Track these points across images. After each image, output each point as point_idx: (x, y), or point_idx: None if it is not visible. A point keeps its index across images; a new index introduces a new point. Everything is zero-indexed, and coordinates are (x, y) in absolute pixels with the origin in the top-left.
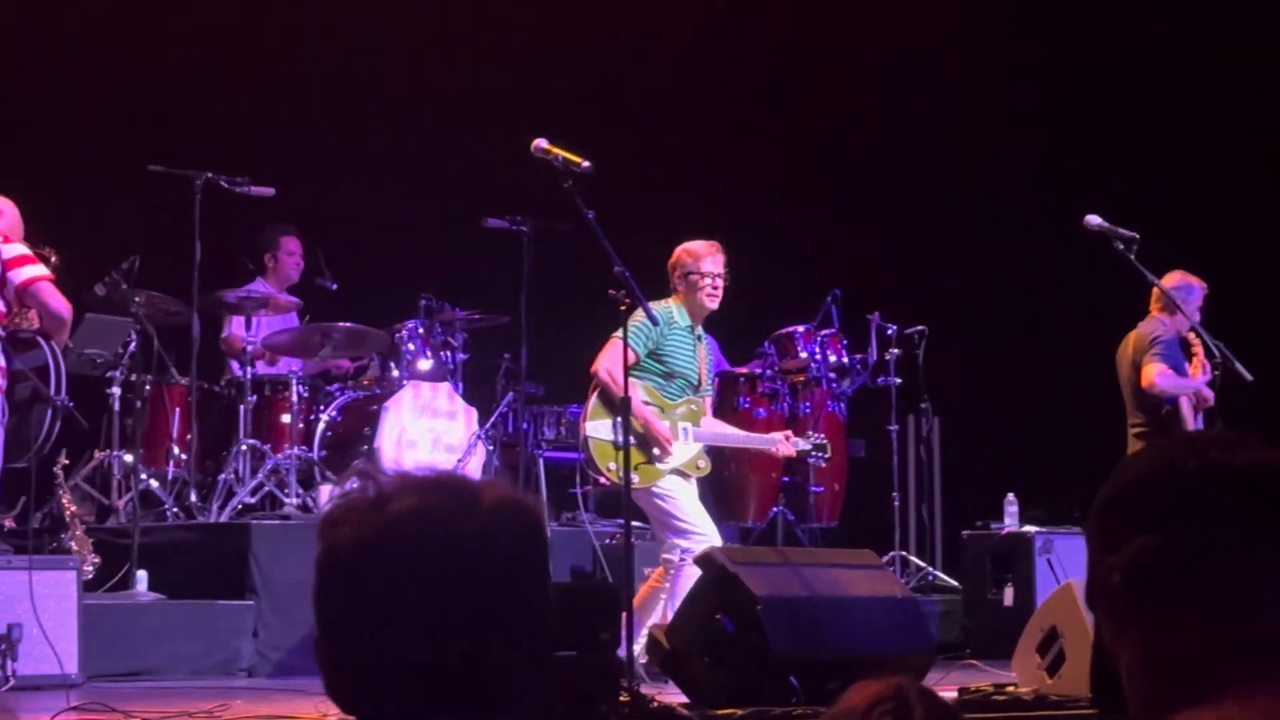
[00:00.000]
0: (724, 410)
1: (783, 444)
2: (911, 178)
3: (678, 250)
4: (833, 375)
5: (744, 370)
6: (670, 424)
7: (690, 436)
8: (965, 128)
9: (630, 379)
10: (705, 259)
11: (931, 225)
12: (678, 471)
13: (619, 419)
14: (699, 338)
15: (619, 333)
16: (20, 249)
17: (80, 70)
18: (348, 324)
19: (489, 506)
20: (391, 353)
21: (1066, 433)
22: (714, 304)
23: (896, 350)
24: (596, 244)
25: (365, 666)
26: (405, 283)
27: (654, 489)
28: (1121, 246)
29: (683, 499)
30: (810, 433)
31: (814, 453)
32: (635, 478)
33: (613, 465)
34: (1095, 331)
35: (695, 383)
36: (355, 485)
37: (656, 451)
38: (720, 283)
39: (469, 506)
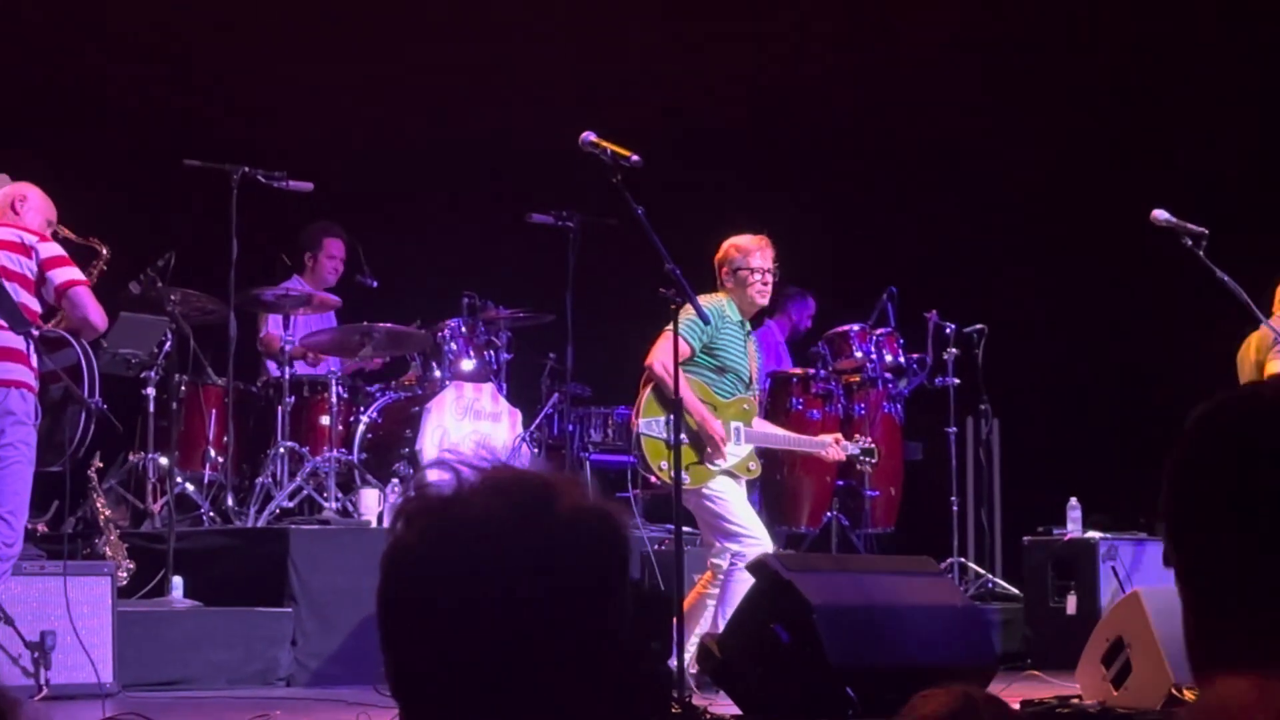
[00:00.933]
0: (776, 412)
1: (832, 448)
2: (971, 170)
3: (725, 245)
4: (889, 376)
5: (798, 371)
6: (723, 423)
7: (743, 437)
8: (1028, 116)
9: (682, 374)
10: (755, 254)
11: (991, 220)
12: (728, 473)
13: (672, 416)
14: (748, 333)
15: (671, 326)
16: (57, 249)
17: (115, 60)
18: (389, 324)
19: (566, 515)
20: (433, 352)
21: (1132, 435)
22: (764, 300)
23: (955, 350)
24: (645, 240)
25: (423, 676)
26: (448, 280)
27: (704, 490)
28: (1190, 243)
29: (734, 501)
30: (858, 436)
31: (861, 457)
32: (686, 478)
33: (665, 465)
34: (1162, 330)
35: (747, 379)
36: (438, 477)
37: (709, 451)
38: (770, 278)
39: (544, 513)
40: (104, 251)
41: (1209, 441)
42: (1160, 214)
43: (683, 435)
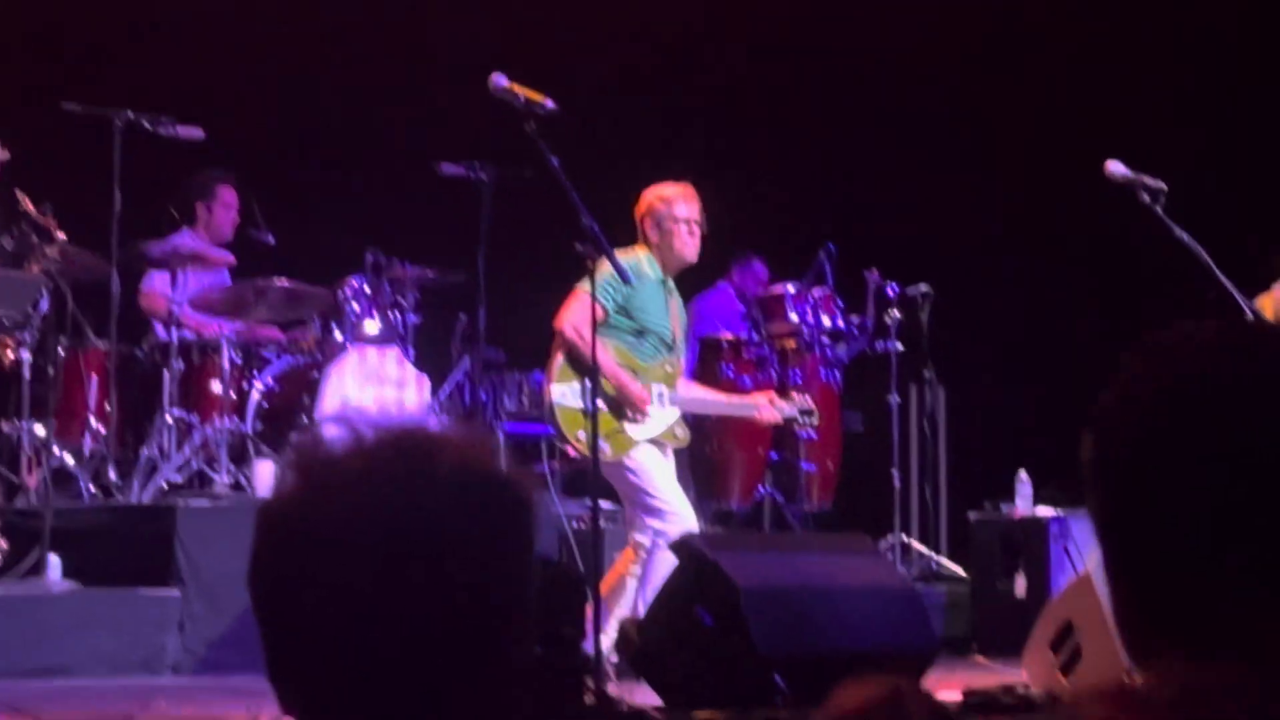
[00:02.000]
0: (707, 378)
1: (765, 408)
2: (915, 117)
3: (647, 195)
4: (826, 340)
5: (728, 336)
6: (645, 386)
7: (667, 401)
8: (974, 60)
9: (599, 337)
10: (679, 203)
11: (937, 171)
12: (654, 441)
13: (589, 382)
14: (670, 291)
15: (584, 284)
16: None
17: None
18: (285, 281)
19: (447, 476)
20: (334, 313)
21: (1087, 404)
22: (691, 254)
23: (898, 312)
24: (562, 194)
25: (295, 661)
26: (350, 236)
27: (626, 461)
28: (1148, 198)
29: (657, 474)
30: (796, 395)
31: (800, 418)
32: (606, 448)
33: (582, 435)
34: (1120, 291)
35: (669, 341)
36: (333, 433)
37: (629, 415)
38: (697, 229)
39: (423, 473)
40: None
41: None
42: (1116, 166)
43: (600, 402)
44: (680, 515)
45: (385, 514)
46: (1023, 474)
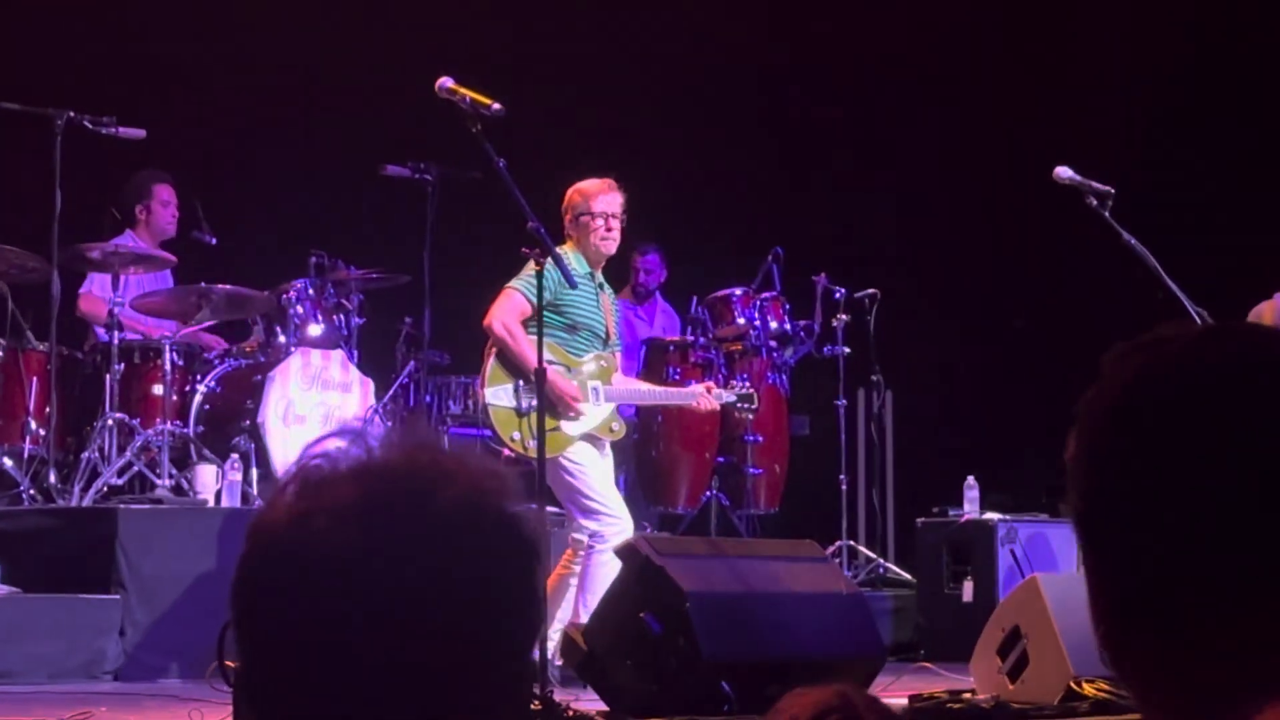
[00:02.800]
0: (652, 380)
1: (703, 398)
2: (862, 120)
3: (569, 191)
4: (773, 344)
5: (674, 338)
6: (579, 383)
7: (601, 396)
8: (921, 62)
9: (529, 334)
10: (598, 198)
11: (883, 174)
12: (590, 437)
13: (521, 382)
14: (600, 286)
15: (515, 282)
16: None
17: None
18: (228, 286)
19: (450, 508)
20: (278, 316)
21: (1034, 409)
22: (609, 247)
23: (845, 316)
24: (508, 196)
25: (268, 684)
26: (294, 238)
27: (562, 460)
28: (1095, 203)
29: (594, 474)
30: (734, 382)
31: (739, 404)
32: None
33: (517, 435)
34: (1067, 298)
35: (603, 335)
36: (339, 447)
37: (561, 411)
38: (616, 224)
39: (423, 502)
40: None
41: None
42: (1063, 171)
43: (532, 400)
44: (616, 517)
45: (379, 546)
46: (970, 479)
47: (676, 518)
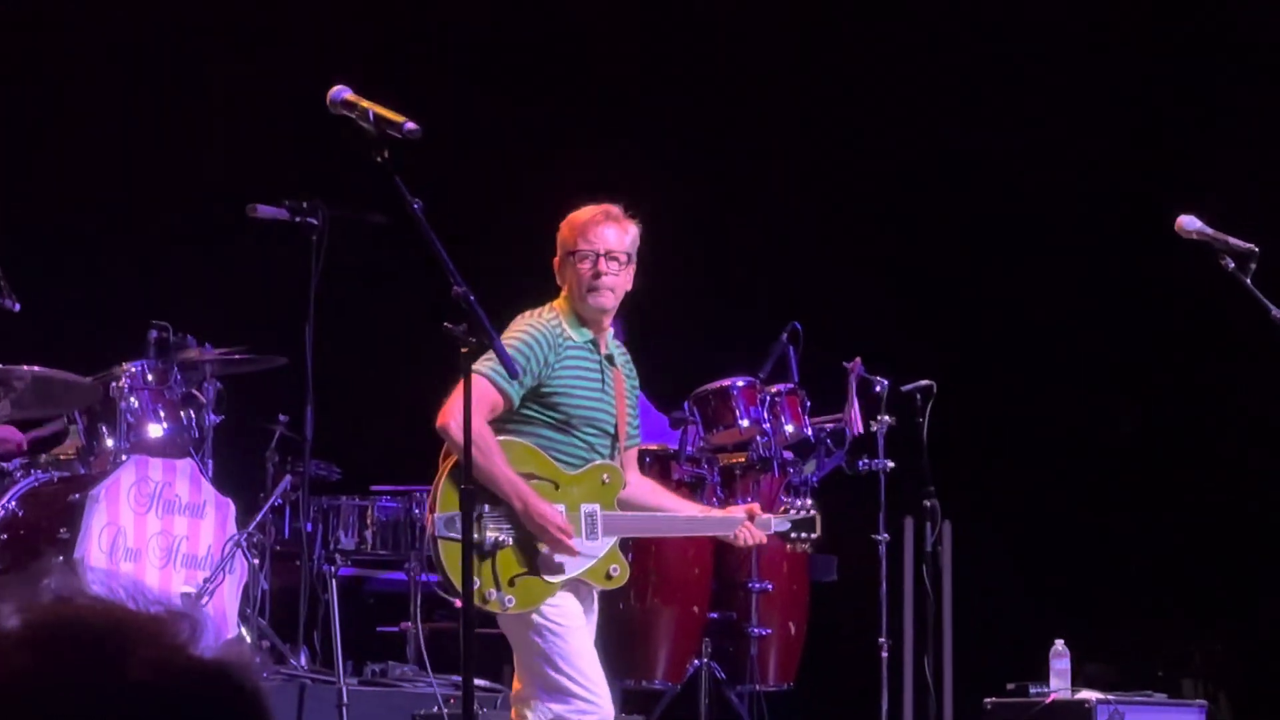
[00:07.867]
0: None
1: (747, 529)
2: (910, 165)
3: (562, 225)
4: (789, 454)
5: (653, 447)
6: (565, 507)
7: (599, 527)
8: (978, 99)
9: (500, 438)
10: (589, 230)
11: (938, 232)
12: (576, 584)
13: (488, 506)
14: (608, 359)
15: (480, 365)
16: None
17: None
18: (36, 368)
19: (144, 677)
20: (104, 412)
21: (1144, 546)
22: (599, 300)
23: (888, 417)
24: (427, 249)
25: None
26: (127, 305)
27: (534, 617)
28: (1232, 264)
29: (573, 639)
30: (784, 500)
31: (795, 534)
32: (510, 599)
33: (477, 582)
34: (1190, 392)
35: (611, 432)
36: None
37: (545, 554)
38: (613, 266)
39: (109, 675)
40: None
41: None
42: (1189, 221)
43: (505, 534)
44: (593, 702)
45: None
46: (1059, 644)
47: (653, 695)
